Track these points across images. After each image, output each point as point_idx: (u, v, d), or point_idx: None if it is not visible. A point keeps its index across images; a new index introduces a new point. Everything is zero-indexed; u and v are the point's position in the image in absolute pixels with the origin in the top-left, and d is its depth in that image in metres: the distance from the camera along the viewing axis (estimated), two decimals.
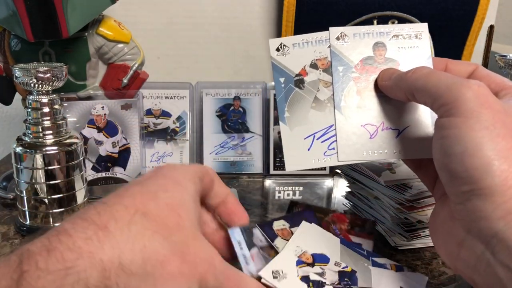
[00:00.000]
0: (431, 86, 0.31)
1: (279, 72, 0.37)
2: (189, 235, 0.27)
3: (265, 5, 0.80)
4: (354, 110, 0.37)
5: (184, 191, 0.28)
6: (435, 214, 0.34)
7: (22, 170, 0.48)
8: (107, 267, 0.23)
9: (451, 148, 0.28)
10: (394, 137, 0.37)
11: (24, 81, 0.45)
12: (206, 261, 0.27)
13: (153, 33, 0.79)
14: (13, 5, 0.48)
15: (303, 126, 0.37)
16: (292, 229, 0.41)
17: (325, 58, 0.37)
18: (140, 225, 0.25)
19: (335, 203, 0.60)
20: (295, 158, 0.37)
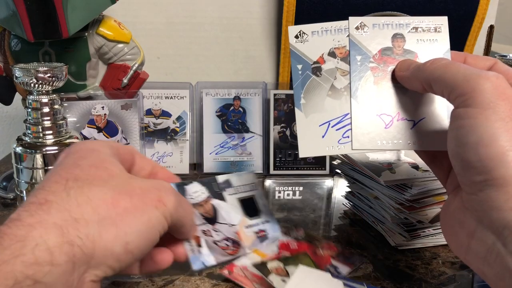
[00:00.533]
0: (449, 76, 0.31)
1: (297, 59, 0.37)
2: (125, 178, 0.29)
3: (265, 5, 0.80)
4: (370, 99, 0.37)
5: (101, 154, 0.30)
6: (447, 206, 0.34)
7: (22, 170, 0.48)
8: (62, 226, 0.24)
9: (466, 137, 0.29)
10: (409, 128, 0.37)
11: (24, 81, 0.45)
12: (154, 189, 0.30)
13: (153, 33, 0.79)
14: (13, 5, 0.48)
15: (318, 114, 0.37)
16: (287, 267, 0.42)
17: (344, 47, 0.37)
18: (76, 187, 0.27)
19: (335, 203, 0.60)
20: (309, 145, 0.37)
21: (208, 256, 0.37)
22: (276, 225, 0.40)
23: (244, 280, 0.40)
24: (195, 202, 0.38)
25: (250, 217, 0.39)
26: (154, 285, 0.40)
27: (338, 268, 0.42)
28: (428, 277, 0.42)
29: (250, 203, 0.40)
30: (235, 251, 0.38)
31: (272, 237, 0.39)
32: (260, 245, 0.39)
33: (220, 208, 0.39)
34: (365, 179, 0.51)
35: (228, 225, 0.39)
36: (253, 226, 0.39)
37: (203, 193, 0.39)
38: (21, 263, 0.23)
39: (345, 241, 0.49)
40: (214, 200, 0.39)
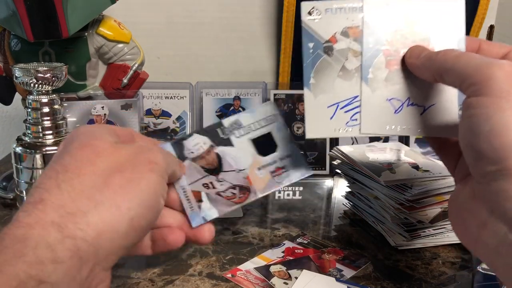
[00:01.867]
0: (461, 66, 0.30)
1: (309, 37, 0.36)
2: (110, 152, 0.29)
3: (265, 5, 0.80)
4: (381, 83, 0.36)
5: (92, 133, 0.31)
6: (455, 196, 0.34)
7: (22, 170, 0.48)
8: (60, 223, 0.25)
9: (478, 127, 0.28)
10: (419, 114, 0.36)
11: (24, 81, 0.45)
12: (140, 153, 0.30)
13: (153, 33, 0.79)
14: (13, 5, 0.48)
15: (327, 94, 0.36)
16: (290, 271, 0.42)
17: (357, 27, 0.36)
18: (67, 180, 0.27)
19: (335, 203, 0.60)
20: (317, 126, 0.36)
21: (210, 209, 0.36)
22: (300, 158, 0.37)
23: (246, 283, 0.40)
24: (195, 156, 0.37)
25: (265, 155, 0.37)
26: (154, 285, 0.40)
27: (342, 271, 0.42)
28: (428, 277, 0.42)
29: (264, 140, 0.38)
30: (243, 198, 0.36)
31: (294, 173, 0.37)
32: (276, 185, 0.37)
33: (225, 155, 0.37)
34: (365, 179, 0.51)
35: (235, 172, 0.37)
36: (268, 166, 0.37)
37: (205, 144, 0.37)
38: (23, 263, 0.23)
39: (345, 241, 0.49)
40: (218, 148, 0.37)
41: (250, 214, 0.55)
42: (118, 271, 0.42)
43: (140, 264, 0.43)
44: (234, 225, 0.51)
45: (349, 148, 0.55)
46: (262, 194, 0.37)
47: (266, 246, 0.47)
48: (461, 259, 0.46)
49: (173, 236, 0.34)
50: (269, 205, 0.59)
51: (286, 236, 0.49)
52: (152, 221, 0.30)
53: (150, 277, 0.41)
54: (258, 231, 0.50)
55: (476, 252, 0.31)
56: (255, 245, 0.47)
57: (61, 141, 0.48)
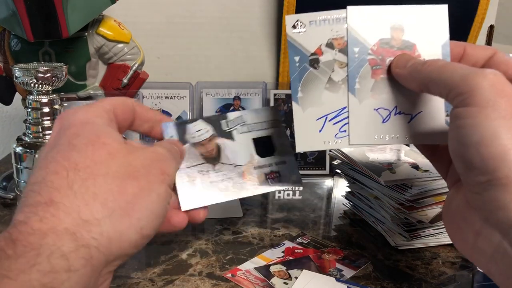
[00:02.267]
0: (446, 77, 0.30)
1: (294, 50, 0.36)
2: (125, 154, 0.28)
3: (265, 5, 0.80)
4: (368, 93, 0.36)
5: (95, 126, 0.29)
6: (449, 201, 0.34)
7: (22, 170, 0.48)
8: (75, 231, 0.24)
9: (467, 137, 0.28)
10: (407, 122, 0.36)
11: (24, 81, 0.45)
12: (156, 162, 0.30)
13: (153, 33, 0.79)
14: (13, 5, 0.48)
15: (315, 107, 0.37)
16: (290, 271, 0.42)
17: (342, 37, 0.36)
18: (79, 180, 0.26)
19: (335, 203, 0.60)
20: (306, 139, 0.37)
21: (202, 196, 0.36)
22: (294, 167, 0.38)
23: (246, 283, 0.40)
24: (196, 142, 0.37)
25: (262, 157, 0.38)
26: (154, 285, 0.40)
27: (342, 271, 0.42)
28: (428, 277, 0.42)
29: (265, 142, 0.38)
30: (235, 192, 0.37)
31: (287, 180, 0.37)
32: (268, 187, 0.37)
33: (225, 147, 0.37)
34: (365, 179, 0.51)
35: (232, 166, 0.37)
36: (264, 167, 0.38)
37: (207, 132, 0.37)
38: (37, 272, 0.22)
39: (345, 241, 0.49)
40: (219, 139, 0.37)
41: (250, 214, 0.55)
42: (118, 271, 0.42)
43: (140, 264, 0.43)
44: (234, 225, 0.51)
45: (349, 148, 0.55)
46: (254, 193, 0.37)
47: (266, 246, 0.47)
48: (461, 259, 0.46)
49: (177, 219, 0.34)
50: (269, 205, 0.59)
51: (286, 236, 0.49)
52: (158, 228, 0.30)
53: (150, 277, 0.41)
54: (258, 231, 0.50)
55: (472, 259, 0.31)
56: (255, 245, 0.47)
57: None
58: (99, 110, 0.31)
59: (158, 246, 0.46)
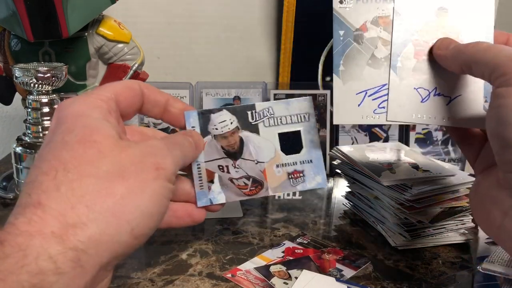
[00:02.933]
0: (490, 58, 0.31)
1: (340, 24, 0.37)
2: (116, 152, 0.27)
3: (265, 5, 0.80)
4: (409, 72, 0.37)
5: (89, 120, 0.28)
6: (476, 186, 0.35)
7: (22, 170, 0.48)
8: (61, 234, 0.24)
9: (507, 116, 0.29)
10: (445, 104, 0.37)
11: (24, 81, 0.45)
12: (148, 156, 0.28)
13: (153, 33, 0.79)
14: (13, 5, 0.48)
15: (356, 82, 0.37)
16: (290, 271, 0.42)
17: (388, 16, 0.37)
18: (66, 182, 0.25)
19: (335, 203, 0.60)
20: (345, 112, 0.37)
21: (219, 193, 0.35)
22: (320, 167, 0.36)
23: (246, 283, 0.40)
24: (219, 134, 0.35)
25: (287, 154, 0.36)
26: (154, 285, 0.40)
27: (342, 271, 0.42)
28: (428, 277, 0.42)
29: (292, 137, 0.37)
30: (254, 191, 0.35)
31: (310, 181, 0.36)
32: (290, 188, 0.36)
33: (249, 142, 0.36)
34: (365, 179, 0.51)
35: (253, 162, 0.36)
36: (288, 166, 0.36)
37: (232, 123, 0.36)
38: (26, 273, 0.22)
39: (345, 241, 0.49)
40: (243, 132, 0.36)
41: (250, 214, 0.55)
42: (118, 271, 0.42)
43: (140, 264, 0.43)
44: (234, 225, 0.51)
45: (349, 148, 0.55)
46: (274, 193, 0.36)
47: (266, 246, 0.47)
48: (461, 259, 0.46)
49: (199, 214, 0.34)
50: (269, 205, 0.59)
51: (286, 236, 0.49)
52: (156, 226, 0.29)
53: (150, 277, 0.41)
54: (258, 231, 0.50)
55: (498, 240, 0.32)
56: (255, 245, 0.47)
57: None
58: (97, 100, 0.30)
59: (158, 246, 0.46)
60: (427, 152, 0.72)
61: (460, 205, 0.47)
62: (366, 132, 0.72)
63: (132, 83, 0.33)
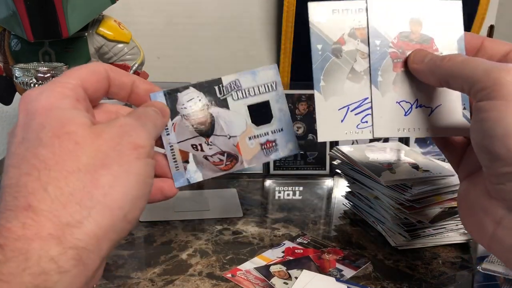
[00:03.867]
0: (468, 72, 0.31)
1: (317, 38, 0.37)
2: (92, 140, 0.27)
3: (265, 5, 0.80)
4: (390, 86, 0.37)
5: (59, 111, 0.27)
6: (465, 193, 0.34)
7: None
8: (58, 235, 0.24)
9: (492, 130, 0.29)
10: (427, 115, 0.37)
11: (24, 81, 0.45)
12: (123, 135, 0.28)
13: (153, 33, 0.79)
14: (13, 5, 0.48)
15: (337, 97, 0.37)
16: (290, 271, 0.42)
17: (364, 28, 0.37)
18: (52, 181, 0.25)
19: (335, 203, 0.60)
20: (328, 129, 0.37)
21: (195, 172, 0.35)
22: (291, 135, 0.36)
23: (246, 283, 0.40)
24: (188, 113, 0.35)
25: (258, 125, 0.36)
26: (154, 285, 0.40)
27: (342, 271, 0.42)
28: (428, 277, 0.42)
29: (262, 108, 0.36)
30: (229, 165, 0.35)
31: (283, 149, 0.36)
32: (264, 158, 0.36)
33: (219, 118, 0.35)
34: (365, 179, 0.51)
35: (226, 137, 0.35)
36: (260, 137, 0.36)
37: (200, 100, 0.35)
38: (29, 275, 0.23)
39: (345, 241, 0.49)
40: (213, 108, 0.35)
41: (250, 214, 0.55)
42: (118, 271, 0.42)
43: (140, 264, 0.43)
44: (234, 225, 0.51)
45: (349, 148, 0.55)
46: (249, 165, 0.36)
47: (266, 246, 0.47)
48: (461, 259, 0.46)
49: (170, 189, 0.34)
50: (269, 205, 0.59)
51: (286, 236, 0.49)
52: (144, 206, 0.29)
53: (150, 277, 0.41)
54: (258, 231, 0.50)
55: (490, 249, 0.32)
56: (255, 245, 0.47)
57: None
58: (64, 89, 0.29)
59: (158, 246, 0.46)
60: (427, 152, 0.72)
61: None
62: None
63: (97, 66, 0.32)
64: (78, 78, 0.30)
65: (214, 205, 0.56)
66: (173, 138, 0.35)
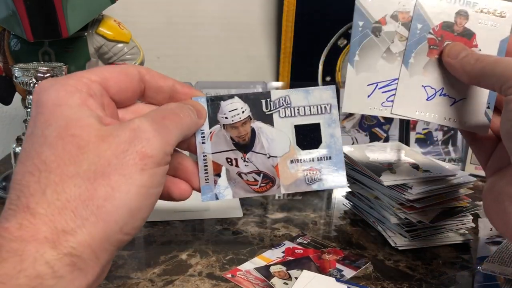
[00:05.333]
0: (500, 71, 0.32)
1: (360, 15, 0.38)
2: (96, 145, 0.26)
3: (265, 5, 0.80)
4: (420, 69, 0.38)
5: (67, 110, 0.26)
6: (491, 186, 0.35)
7: None
8: (54, 239, 0.24)
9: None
10: (449, 105, 0.38)
11: (24, 81, 0.45)
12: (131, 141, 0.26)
13: (153, 33, 0.79)
14: (13, 5, 0.48)
15: (369, 73, 0.38)
16: (290, 271, 0.42)
17: (407, 12, 0.38)
18: (50, 184, 0.25)
19: (335, 203, 0.60)
20: (354, 102, 0.38)
21: (226, 188, 0.32)
22: (340, 165, 0.33)
23: (246, 283, 0.40)
24: (229, 123, 0.32)
25: (303, 149, 0.33)
26: (154, 285, 0.40)
27: (342, 271, 0.42)
28: (429, 277, 0.42)
29: (310, 130, 0.33)
30: (264, 188, 0.32)
31: (328, 180, 0.33)
32: (305, 186, 0.33)
33: (261, 134, 0.33)
34: (365, 179, 0.51)
35: (265, 156, 0.33)
36: (304, 162, 0.33)
37: (243, 112, 0.32)
38: (24, 277, 0.23)
39: (345, 241, 0.49)
40: (256, 122, 0.33)
41: (250, 214, 0.55)
42: (118, 271, 0.42)
43: (140, 264, 0.43)
44: (234, 225, 0.51)
45: (349, 148, 0.55)
46: (287, 191, 0.33)
47: (266, 246, 0.47)
48: (461, 259, 0.46)
49: (179, 190, 0.32)
50: (269, 205, 0.59)
51: (286, 236, 0.49)
52: (147, 217, 0.28)
53: (150, 277, 0.41)
54: (258, 231, 0.50)
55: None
56: (255, 245, 0.47)
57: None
58: (77, 83, 0.28)
59: (158, 246, 0.46)
60: (427, 152, 0.72)
61: (460, 205, 0.47)
62: (366, 132, 0.72)
63: (128, 68, 0.31)
64: (99, 75, 0.29)
65: (214, 205, 0.56)
66: (208, 147, 0.33)
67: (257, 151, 0.33)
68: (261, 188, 0.33)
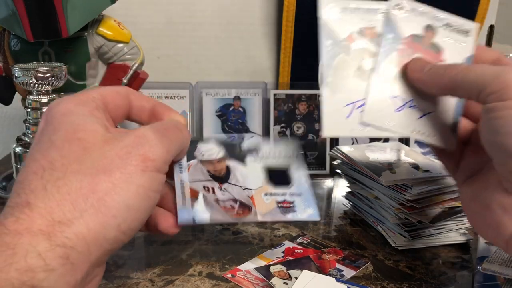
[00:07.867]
0: (475, 78, 0.31)
1: (327, 34, 0.37)
2: (100, 146, 0.27)
3: (265, 5, 0.80)
4: (390, 80, 0.37)
5: (75, 117, 0.28)
6: (474, 196, 0.34)
7: None
8: (49, 231, 0.24)
9: (506, 127, 0.29)
10: (417, 118, 0.37)
11: (24, 81, 0.45)
12: (135, 146, 0.28)
13: (153, 33, 0.79)
14: (13, 5, 0.48)
15: (344, 94, 0.37)
16: (290, 271, 0.42)
17: (373, 28, 0.37)
18: (52, 180, 0.26)
19: (335, 203, 0.60)
20: (334, 124, 0.37)
21: (203, 212, 0.33)
22: (311, 201, 0.35)
23: (246, 283, 0.40)
24: (205, 159, 0.34)
25: (275, 186, 0.35)
26: (154, 285, 0.40)
27: (342, 271, 0.42)
28: (429, 277, 0.42)
29: (279, 172, 0.36)
30: (241, 214, 0.34)
31: (301, 212, 0.35)
32: (280, 216, 0.34)
33: (235, 170, 0.35)
34: (365, 179, 0.51)
35: (241, 188, 0.35)
36: (277, 195, 0.35)
37: (219, 152, 0.35)
38: (15, 271, 0.23)
39: (345, 241, 0.49)
40: (230, 161, 0.35)
41: None
42: (118, 271, 0.42)
43: (140, 264, 0.43)
44: (234, 225, 0.51)
45: (349, 148, 0.55)
46: (263, 219, 0.35)
47: (266, 246, 0.47)
48: (461, 259, 0.46)
49: (167, 224, 0.33)
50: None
51: (286, 236, 0.49)
52: (144, 220, 0.29)
53: (150, 277, 0.41)
54: (258, 231, 0.50)
55: (508, 249, 0.31)
56: (255, 245, 0.47)
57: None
58: (84, 97, 0.30)
59: (158, 246, 0.46)
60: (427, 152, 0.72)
61: (460, 205, 0.47)
62: None
63: (118, 88, 0.33)
64: (99, 93, 0.31)
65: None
66: (185, 176, 0.34)
67: (233, 183, 0.35)
68: (238, 215, 0.34)
